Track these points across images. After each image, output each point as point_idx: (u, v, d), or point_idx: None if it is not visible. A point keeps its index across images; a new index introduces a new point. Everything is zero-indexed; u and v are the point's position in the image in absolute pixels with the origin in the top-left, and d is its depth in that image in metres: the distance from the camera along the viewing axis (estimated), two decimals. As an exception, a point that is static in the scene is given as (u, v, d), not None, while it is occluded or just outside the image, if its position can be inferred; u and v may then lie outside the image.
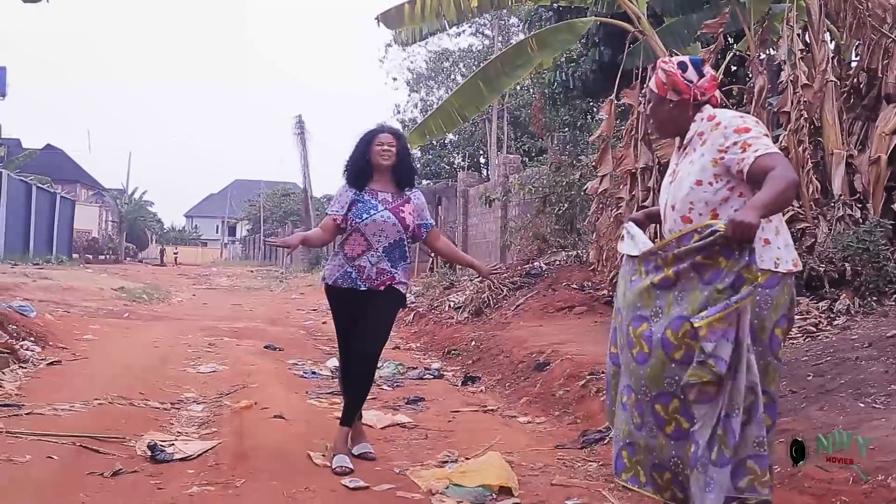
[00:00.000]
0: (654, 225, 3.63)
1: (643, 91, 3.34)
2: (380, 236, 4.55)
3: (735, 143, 2.91)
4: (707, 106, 3.11)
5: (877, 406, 4.26)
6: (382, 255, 4.56)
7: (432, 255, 26.45)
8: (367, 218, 4.53)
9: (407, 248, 4.69)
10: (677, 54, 8.60)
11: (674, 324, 2.84)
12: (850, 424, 4.08)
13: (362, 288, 4.54)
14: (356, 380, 4.59)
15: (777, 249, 2.95)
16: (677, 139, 3.22)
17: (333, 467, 4.29)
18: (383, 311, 4.62)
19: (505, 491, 4.02)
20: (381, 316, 4.62)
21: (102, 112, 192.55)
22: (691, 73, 3.11)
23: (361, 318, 4.55)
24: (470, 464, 4.40)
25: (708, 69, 3.18)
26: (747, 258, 2.72)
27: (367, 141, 4.63)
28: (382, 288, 4.55)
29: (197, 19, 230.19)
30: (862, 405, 4.32)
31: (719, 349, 2.72)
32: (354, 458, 4.50)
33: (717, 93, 3.16)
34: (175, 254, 53.62)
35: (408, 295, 4.96)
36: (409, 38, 10.68)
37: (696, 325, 2.73)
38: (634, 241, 3.16)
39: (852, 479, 3.52)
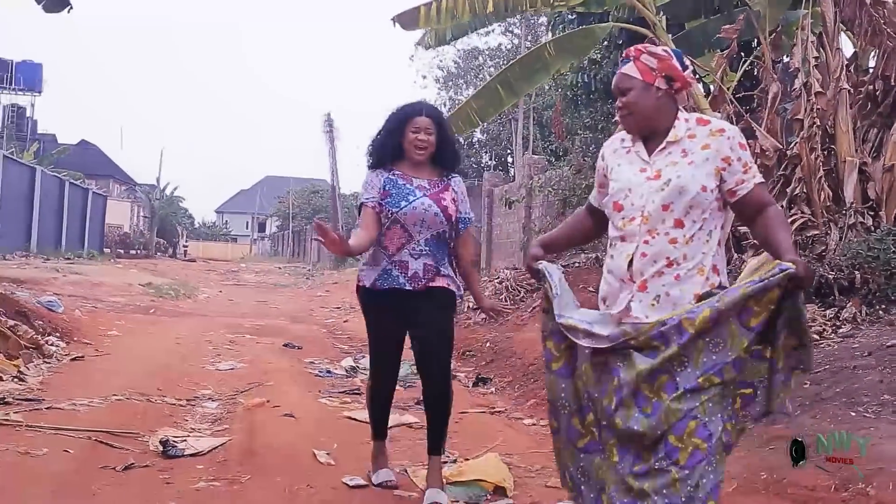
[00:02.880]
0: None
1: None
2: (420, 227, 3.91)
3: (739, 160, 2.76)
4: (681, 109, 2.90)
5: (867, 415, 4.34)
6: (426, 248, 3.93)
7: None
8: (406, 206, 3.87)
9: (449, 242, 4.07)
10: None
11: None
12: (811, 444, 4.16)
13: (407, 287, 3.91)
14: (437, 399, 4.07)
15: (726, 276, 2.86)
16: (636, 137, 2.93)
17: (380, 482, 4.19)
18: (440, 315, 3.98)
19: (500, 491, 4.15)
20: (440, 321, 4.00)
21: (136, 109, 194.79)
22: (676, 63, 2.86)
23: (417, 326, 3.96)
24: (468, 464, 4.52)
25: (688, 63, 2.96)
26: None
27: (401, 120, 3.96)
28: (432, 286, 3.94)
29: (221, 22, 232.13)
30: (853, 414, 4.40)
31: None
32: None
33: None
34: (185, 247, 54.31)
35: (462, 297, 4.20)
36: (432, 41, 10.84)
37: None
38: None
39: (834, 487, 3.63)
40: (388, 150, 4.00)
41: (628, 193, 2.85)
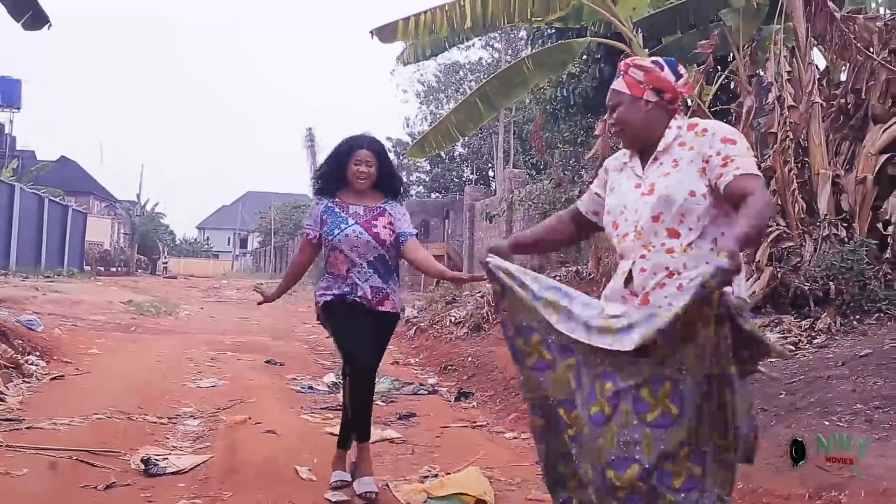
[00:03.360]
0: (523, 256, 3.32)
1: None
2: (357, 253, 4.28)
3: (718, 154, 2.68)
4: (679, 115, 2.87)
5: (840, 424, 4.41)
6: (370, 271, 4.29)
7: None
8: (338, 233, 4.27)
9: (391, 263, 4.41)
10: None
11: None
12: (813, 442, 4.21)
13: (359, 303, 4.28)
14: (365, 406, 4.41)
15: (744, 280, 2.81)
16: (632, 152, 2.95)
17: (333, 482, 4.38)
18: (379, 337, 4.40)
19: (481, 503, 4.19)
20: (378, 342, 4.41)
21: (115, 125, 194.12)
22: (668, 74, 2.85)
23: (367, 334, 4.29)
24: (449, 478, 4.56)
25: (683, 71, 2.92)
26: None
27: (344, 153, 4.34)
28: (379, 309, 4.32)
29: (202, 36, 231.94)
30: (827, 423, 4.46)
31: None
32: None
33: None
34: (164, 263, 54.13)
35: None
36: (411, 57, 10.92)
37: None
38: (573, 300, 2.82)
39: (808, 495, 3.68)
40: (332, 179, 4.39)
41: (623, 210, 2.87)
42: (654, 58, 2.95)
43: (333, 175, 4.38)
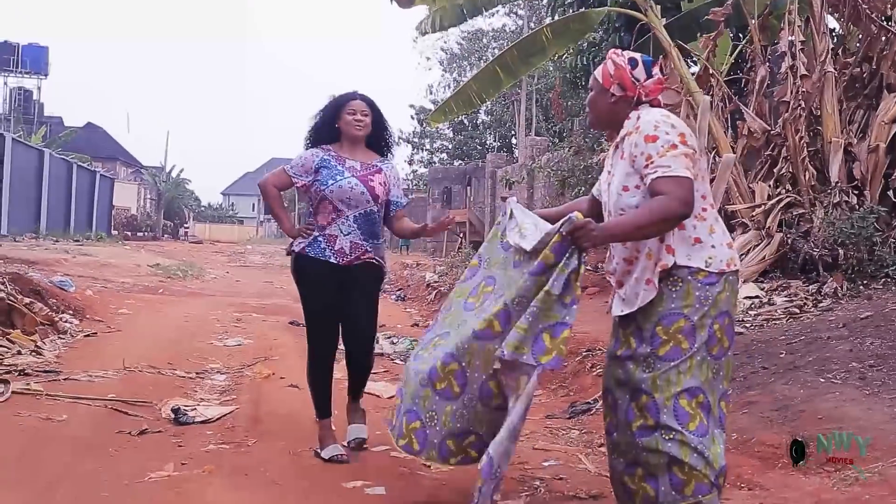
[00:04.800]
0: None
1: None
2: (348, 205, 4.18)
3: (642, 153, 2.84)
4: (645, 106, 3.02)
5: (835, 381, 4.62)
6: (354, 225, 4.20)
7: (461, 234, 26.98)
8: (332, 184, 4.17)
9: (379, 226, 4.34)
10: (684, 46, 8.92)
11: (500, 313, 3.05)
12: (806, 397, 4.45)
13: (332, 261, 4.19)
14: (357, 368, 4.42)
15: (711, 248, 2.85)
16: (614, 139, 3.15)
17: (331, 456, 4.22)
18: (364, 290, 4.29)
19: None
20: (365, 296, 4.31)
21: (141, 91, 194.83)
22: (640, 72, 3.01)
23: (342, 301, 4.24)
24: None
25: (657, 71, 3.09)
26: (575, 262, 2.85)
27: (338, 106, 4.28)
28: (356, 264, 4.22)
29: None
30: (822, 380, 4.67)
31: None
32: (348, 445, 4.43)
33: (661, 97, 3.13)
34: (186, 229, 54.62)
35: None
36: (429, 27, 11.03)
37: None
38: (524, 228, 3.19)
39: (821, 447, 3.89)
40: (325, 133, 4.31)
41: (602, 194, 3.17)
42: (634, 54, 3.09)
43: (328, 128, 4.30)
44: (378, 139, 4.39)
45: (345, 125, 4.24)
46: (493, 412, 3.11)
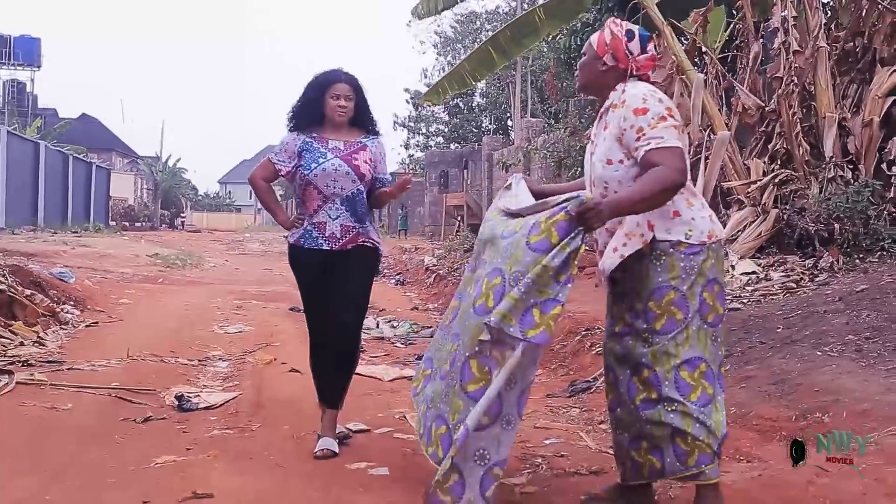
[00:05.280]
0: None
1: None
2: (334, 188, 4.08)
3: (632, 127, 2.86)
4: (633, 79, 3.03)
5: (832, 354, 4.67)
6: (342, 208, 4.10)
7: (458, 217, 27.01)
8: (315, 167, 4.08)
9: (366, 203, 4.22)
10: (677, 24, 8.92)
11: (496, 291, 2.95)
12: (803, 371, 4.50)
13: (325, 247, 4.10)
14: (339, 358, 4.19)
15: (691, 221, 2.89)
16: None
17: (316, 451, 4.03)
18: (356, 276, 4.13)
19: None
20: (356, 283, 4.15)
21: (135, 81, 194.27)
22: (635, 45, 3.02)
23: (333, 288, 4.11)
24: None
25: (651, 48, 3.10)
26: (578, 242, 2.81)
27: (321, 87, 4.14)
28: (351, 247, 4.13)
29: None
30: (819, 354, 4.72)
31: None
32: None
33: (651, 73, 3.13)
34: (182, 218, 54.54)
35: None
36: (423, 10, 11.05)
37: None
38: (518, 198, 3.25)
39: (794, 417, 3.95)
40: (307, 115, 4.18)
41: (587, 167, 3.18)
42: (633, 27, 3.10)
43: (310, 111, 4.17)
44: (363, 121, 4.26)
45: (328, 110, 4.13)
46: (467, 399, 2.94)
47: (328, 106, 4.12)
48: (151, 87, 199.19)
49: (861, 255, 7.00)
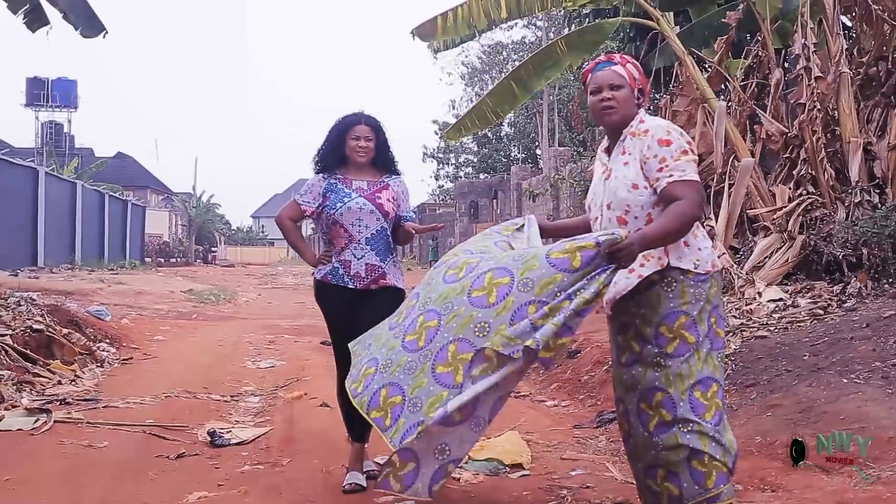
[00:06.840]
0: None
1: (584, 83, 3.20)
2: (359, 226, 4.22)
3: (655, 156, 2.95)
4: (642, 110, 3.15)
5: (858, 381, 4.65)
6: (367, 247, 4.22)
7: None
8: (341, 207, 4.22)
9: (390, 239, 4.34)
10: (698, 53, 8.99)
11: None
12: (830, 398, 4.50)
13: (350, 286, 4.22)
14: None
15: (697, 251, 2.99)
16: (605, 140, 3.25)
17: (344, 485, 4.11)
18: (381, 318, 3.80)
19: (517, 466, 4.53)
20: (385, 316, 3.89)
21: (168, 120, 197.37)
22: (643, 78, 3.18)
23: (359, 324, 3.96)
24: (489, 442, 4.89)
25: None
26: (607, 278, 2.80)
27: (342, 130, 4.32)
28: (374, 287, 4.24)
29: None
30: (846, 381, 4.71)
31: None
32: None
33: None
34: (213, 253, 54.91)
35: (406, 293, 4.11)
36: (440, 46, 11.18)
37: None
38: (530, 241, 3.29)
39: (821, 447, 3.94)
40: (331, 157, 4.34)
41: (594, 196, 3.23)
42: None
43: (334, 153, 4.34)
44: (384, 161, 4.40)
45: (349, 151, 4.29)
46: (432, 380, 2.90)
47: (349, 147, 4.28)
48: (184, 125, 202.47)
49: (890, 280, 6.95)
